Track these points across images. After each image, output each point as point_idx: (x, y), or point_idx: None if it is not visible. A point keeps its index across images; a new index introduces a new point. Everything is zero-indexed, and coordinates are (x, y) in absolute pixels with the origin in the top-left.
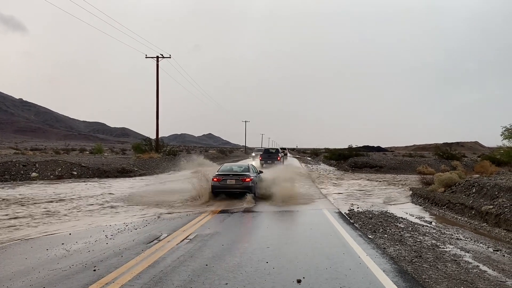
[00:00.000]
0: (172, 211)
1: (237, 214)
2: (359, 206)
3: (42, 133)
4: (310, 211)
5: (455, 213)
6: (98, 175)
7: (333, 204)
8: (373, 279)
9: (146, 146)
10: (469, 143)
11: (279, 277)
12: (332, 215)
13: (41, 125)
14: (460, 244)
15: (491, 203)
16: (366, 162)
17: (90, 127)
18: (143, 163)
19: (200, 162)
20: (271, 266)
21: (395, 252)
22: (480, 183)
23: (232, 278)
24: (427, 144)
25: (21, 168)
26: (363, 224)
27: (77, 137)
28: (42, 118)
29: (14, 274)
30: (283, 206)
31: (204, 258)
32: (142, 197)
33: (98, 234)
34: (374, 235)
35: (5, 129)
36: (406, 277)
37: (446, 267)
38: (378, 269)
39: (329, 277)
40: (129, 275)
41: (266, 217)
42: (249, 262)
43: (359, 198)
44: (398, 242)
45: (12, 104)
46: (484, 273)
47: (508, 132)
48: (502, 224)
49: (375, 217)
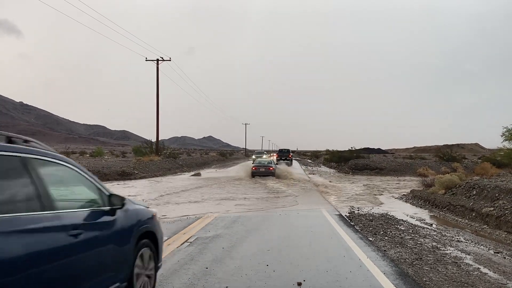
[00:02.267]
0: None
1: (238, 216)
2: (359, 208)
3: (43, 136)
4: (310, 213)
5: (456, 215)
6: (98, 178)
7: (334, 206)
8: (374, 281)
9: (147, 149)
10: (469, 145)
11: (280, 280)
12: (332, 217)
13: (42, 128)
14: (461, 246)
15: (492, 205)
16: (366, 164)
17: (90, 130)
18: (143, 166)
19: (199, 162)
20: (271, 269)
21: (395, 255)
22: (480, 185)
23: (232, 281)
24: (427, 146)
25: None
26: (363, 227)
27: (77, 140)
28: (43, 121)
29: None
30: (285, 206)
31: (204, 261)
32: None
33: None
34: (374, 238)
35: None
36: (407, 280)
37: (446, 269)
38: (378, 271)
39: (330, 279)
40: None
41: (266, 219)
42: (249, 265)
43: (359, 200)
44: (399, 244)
45: (13, 107)
46: (485, 275)
47: (509, 134)
48: (502, 226)
49: (376, 219)
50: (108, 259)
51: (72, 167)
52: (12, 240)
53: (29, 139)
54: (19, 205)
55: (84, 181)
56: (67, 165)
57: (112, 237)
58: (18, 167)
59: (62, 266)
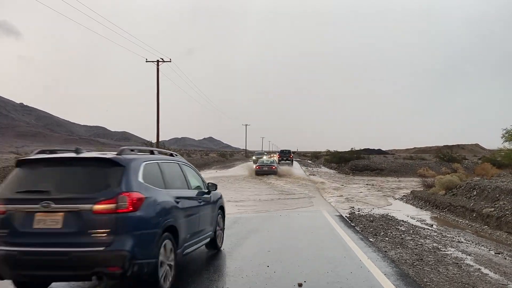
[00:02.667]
0: None
1: (237, 218)
2: (359, 208)
3: (43, 138)
4: (311, 214)
5: (456, 216)
6: None
7: (334, 207)
8: (375, 282)
9: None
10: (469, 145)
11: (280, 281)
12: (333, 218)
13: (42, 129)
14: (462, 247)
15: (492, 206)
16: (367, 165)
17: (90, 131)
18: None
19: (199, 163)
20: (272, 270)
21: (396, 255)
22: (481, 186)
23: (233, 282)
24: (427, 147)
25: None
26: (364, 227)
27: (78, 141)
28: (43, 122)
29: None
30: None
31: (204, 261)
32: None
33: None
34: (375, 238)
35: (6, 134)
36: (407, 281)
37: (447, 270)
38: (379, 272)
39: (330, 280)
40: None
41: (266, 220)
42: (250, 266)
43: (360, 200)
44: (399, 245)
45: (13, 108)
46: (485, 276)
47: (509, 134)
48: (503, 226)
49: (376, 220)
50: (208, 217)
51: (192, 168)
52: (180, 201)
53: (174, 153)
54: (180, 185)
55: (196, 176)
56: (191, 167)
57: (209, 206)
58: (177, 167)
59: (195, 214)
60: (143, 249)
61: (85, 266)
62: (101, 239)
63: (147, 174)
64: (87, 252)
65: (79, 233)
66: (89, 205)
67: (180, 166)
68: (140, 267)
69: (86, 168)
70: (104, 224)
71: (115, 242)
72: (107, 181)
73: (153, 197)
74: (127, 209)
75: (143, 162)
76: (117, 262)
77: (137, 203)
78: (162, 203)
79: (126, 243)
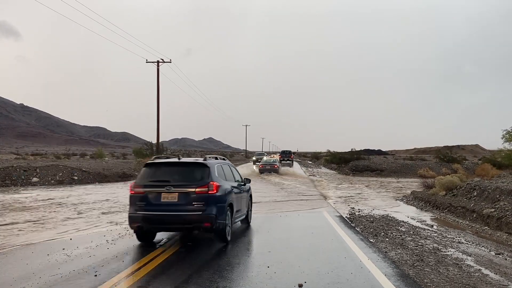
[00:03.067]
0: None
1: None
2: (360, 209)
3: (43, 138)
4: (311, 215)
5: (457, 217)
6: (99, 179)
7: (334, 207)
8: (375, 283)
9: (147, 151)
10: (469, 146)
11: (281, 282)
12: (333, 218)
13: (42, 130)
14: (462, 247)
15: (493, 206)
16: (367, 165)
17: (91, 131)
18: None
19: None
20: (272, 270)
21: (396, 256)
22: (481, 186)
23: (233, 282)
24: (427, 147)
25: (22, 173)
26: (364, 228)
27: (78, 142)
28: (43, 123)
29: (15, 279)
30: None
31: (204, 262)
32: None
33: (99, 239)
34: (375, 239)
35: (6, 134)
36: (408, 281)
37: (448, 270)
38: (380, 273)
39: (331, 281)
40: (130, 280)
41: (266, 221)
42: (250, 266)
43: (360, 201)
44: (400, 246)
45: (13, 109)
46: (486, 277)
47: (509, 135)
48: (503, 227)
49: (376, 220)
50: (245, 201)
51: (235, 168)
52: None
53: (223, 157)
54: (231, 178)
55: (237, 173)
56: (234, 167)
57: (245, 193)
58: (228, 167)
59: (239, 197)
60: (220, 214)
61: (190, 222)
62: (200, 208)
63: (219, 171)
64: (191, 215)
65: (187, 204)
66: (193, 189)
67: (230, 166)
68: (219, 224)
69: (188, 167)
70: (201, 199)
71: (207, 209)
72: (201, 175)
73: (223, 185)
74: (213, 191)
75: (216, 164)
76: (208, 220)
77: (217, 188)
78: (226, 189)
79: (213, 210)
